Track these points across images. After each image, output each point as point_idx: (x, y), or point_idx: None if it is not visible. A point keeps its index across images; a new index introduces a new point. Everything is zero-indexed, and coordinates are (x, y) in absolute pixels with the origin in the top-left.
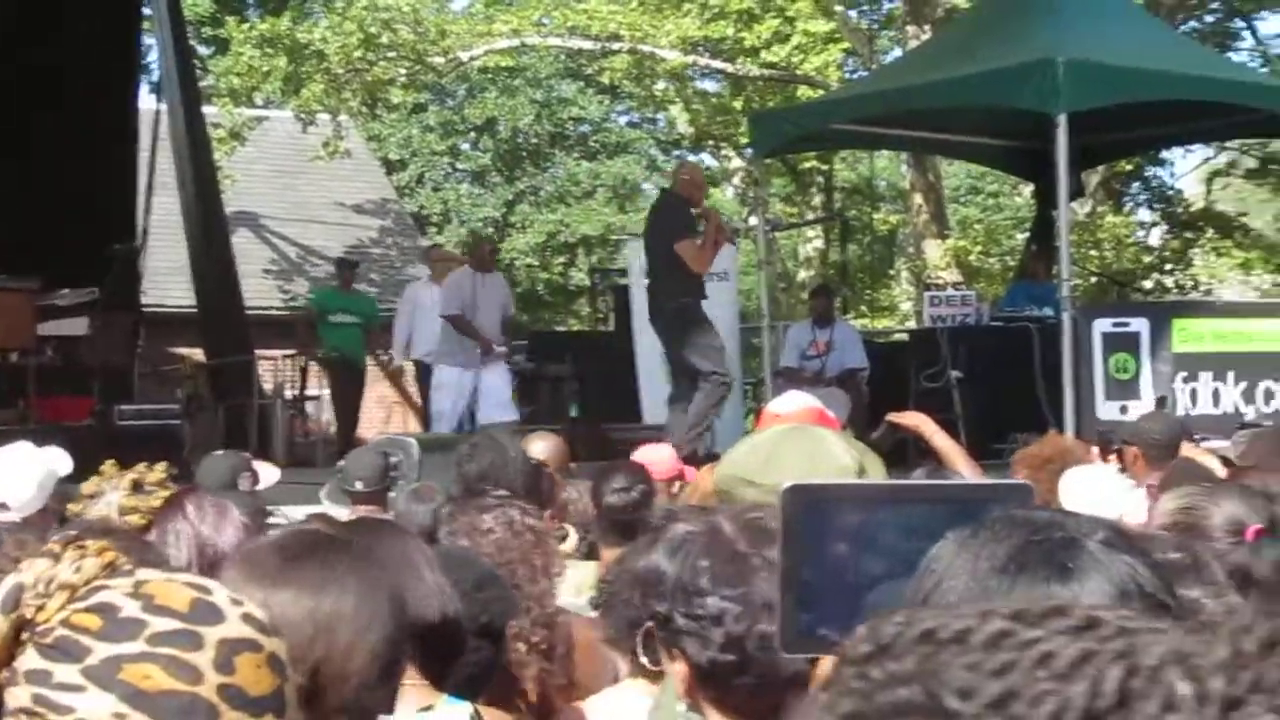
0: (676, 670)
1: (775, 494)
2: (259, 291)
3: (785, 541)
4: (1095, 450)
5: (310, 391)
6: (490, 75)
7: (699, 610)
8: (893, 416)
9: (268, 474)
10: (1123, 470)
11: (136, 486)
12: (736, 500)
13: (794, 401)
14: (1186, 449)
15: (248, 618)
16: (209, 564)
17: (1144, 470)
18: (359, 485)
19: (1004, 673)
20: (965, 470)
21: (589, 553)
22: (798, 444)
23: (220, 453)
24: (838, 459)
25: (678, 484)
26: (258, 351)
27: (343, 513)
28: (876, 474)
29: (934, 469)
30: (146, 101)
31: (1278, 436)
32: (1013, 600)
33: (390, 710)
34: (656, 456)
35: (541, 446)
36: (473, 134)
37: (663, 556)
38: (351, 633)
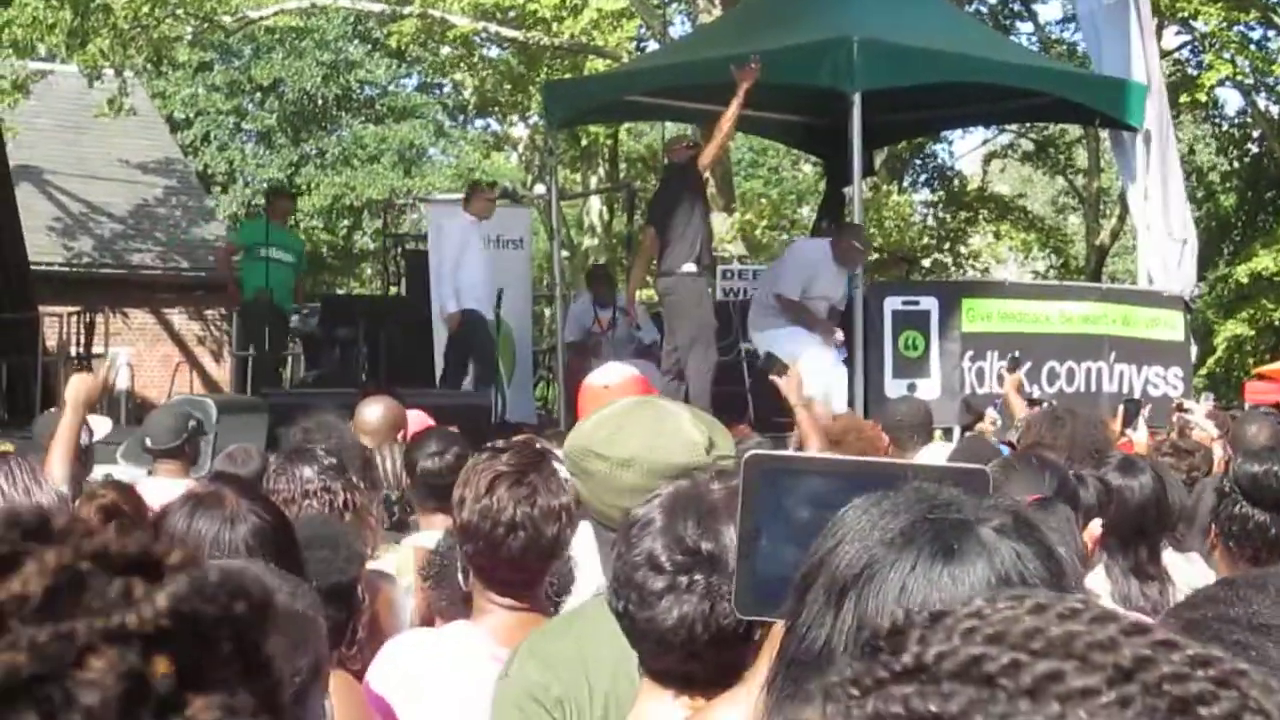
0: None
1: (621, 466)
2: (42, 248)
3: (744, 508)
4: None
5: (96, 349)
6: (278, 36)
7: None
8: (790, 365)
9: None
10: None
11: None
12: (586, 472)
13: (617, 373)
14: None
15: None
16: None
17: (895, 454)
18: (149, 443)
19: None
20: (814, 448)
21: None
22: (644, 418)
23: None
24: (686, 433)
25: None
26: (41, 308)
27: (140, 472)
28: (725, 447)
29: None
30: None
31: (1050, 416)
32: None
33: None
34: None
35: (375, 410)
36: (259, 94)
37: None
38: None
